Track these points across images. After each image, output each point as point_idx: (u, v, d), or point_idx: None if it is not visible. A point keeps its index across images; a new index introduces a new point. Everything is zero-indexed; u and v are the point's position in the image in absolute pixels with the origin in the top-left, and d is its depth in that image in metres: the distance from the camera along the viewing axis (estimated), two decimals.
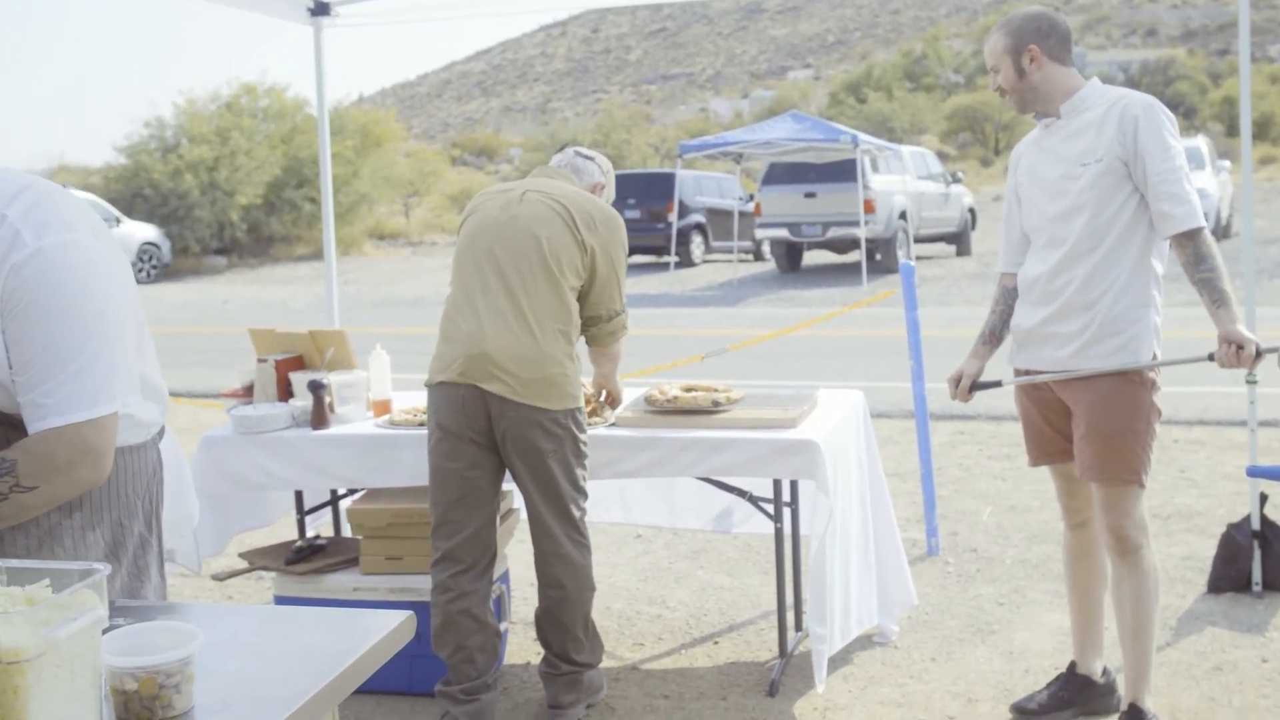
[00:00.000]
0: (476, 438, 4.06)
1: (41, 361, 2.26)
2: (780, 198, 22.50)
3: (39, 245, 2.25)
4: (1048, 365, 3.99)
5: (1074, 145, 3.90)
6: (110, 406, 2.33)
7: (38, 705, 1.63)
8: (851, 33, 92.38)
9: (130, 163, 33.22)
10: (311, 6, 6.82)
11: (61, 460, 2.29)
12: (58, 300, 2.27)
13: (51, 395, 2.27)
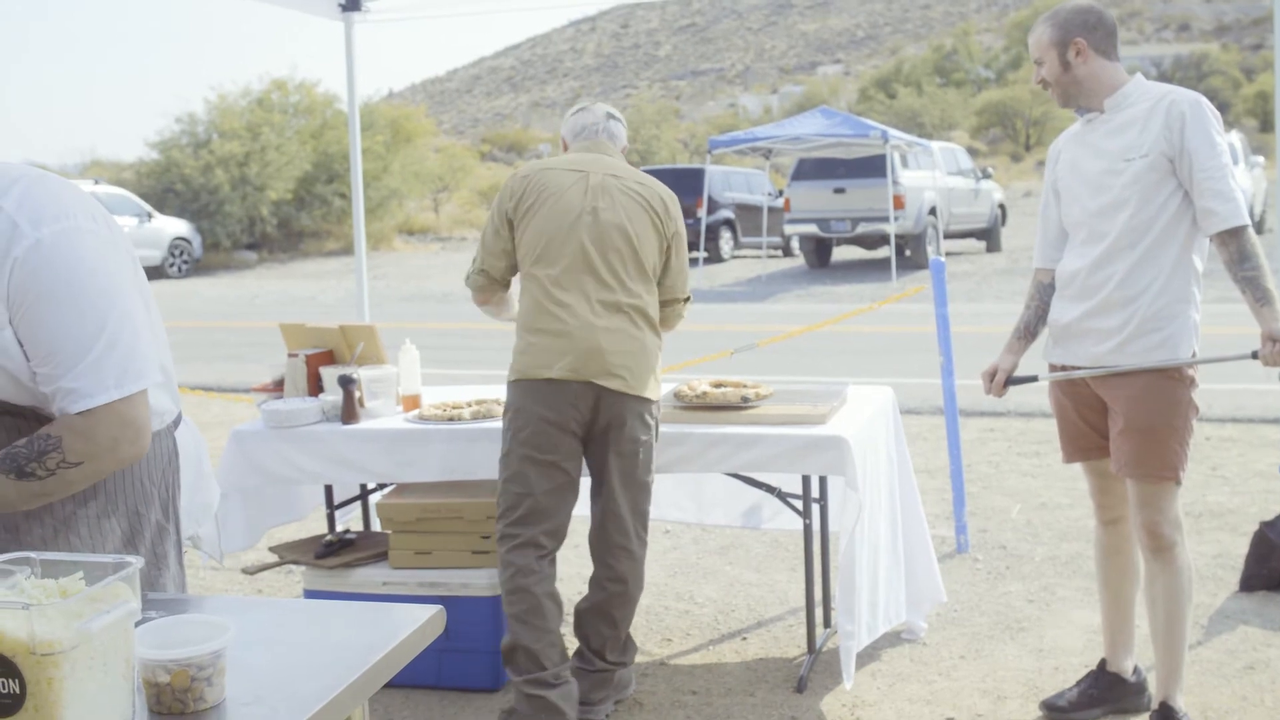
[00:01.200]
0: (578, 430, 4.14)
1: (64, 351, 2.28)
2: (809, 193, 22.45)
3: (38, 236, 2.26)
4: (1086, 361, 3.96)
5: (1118, 140, 3.86)
6: (140, 383, 2.36)
7: (72, 696, 1.64)
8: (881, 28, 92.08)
9: (162, 158, 33.39)
10: (343, 2, 6.84)
11: (103, 438, 2.33)
12: (66, 289, 2.28)
13: (81, 380, 2.29)
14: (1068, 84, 3.92)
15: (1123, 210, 3.83)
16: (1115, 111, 3.90)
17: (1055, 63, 3.91)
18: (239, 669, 1.91)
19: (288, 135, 33.44)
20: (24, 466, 2.27)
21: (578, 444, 4.17)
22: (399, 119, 36.46)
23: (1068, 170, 4.01)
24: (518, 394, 4.15)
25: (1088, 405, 4.06)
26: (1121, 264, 3.85)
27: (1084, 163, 3.95)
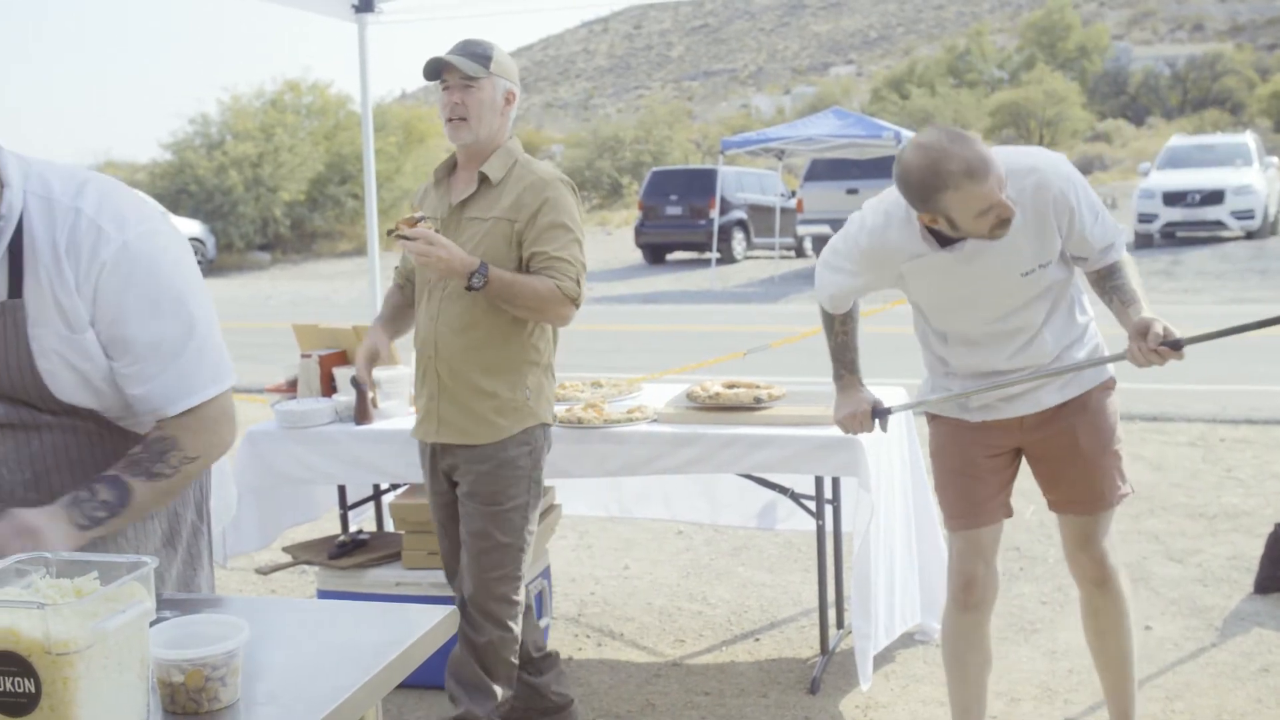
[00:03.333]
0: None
1: (159, 351, 2.33)
2: (822, 194, 22.46)
3: (124, 238, 2.29)
4: (1029, 408, 3.58)
5: (1002, 258, 3.35)
6: (230, 378, 2.46)
7: (86, 696, 1.64)
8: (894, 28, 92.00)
9: (176, 159, 33.50)
10: (356, 3, 6.86)
11: (211, 431, 2.42)
12: (156, 290, 2.32)
13: (180, 379, 2.36)
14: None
15: (1037, 308, 3.47)
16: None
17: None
18: (253, 668, 1.91)
19: (301, 136, 33.53)
20: (152, 469, 2.32)
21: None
22: (412, 120, 36.53)
23: (939, 300, 3.54)
24: (546, 440, 3.99)
25: (996, 454, 3.68)
26: (1046, 342, 3.50)
27: (963, 289, 3.45)
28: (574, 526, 6.76)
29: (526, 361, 3.82)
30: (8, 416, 2.34)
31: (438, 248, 3.59)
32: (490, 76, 3.75)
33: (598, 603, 5.61)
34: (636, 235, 26.50)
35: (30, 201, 2.29)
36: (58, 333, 2.30)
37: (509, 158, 3.82)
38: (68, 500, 2.23)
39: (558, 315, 3.75)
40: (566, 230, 3.74)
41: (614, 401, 4.81)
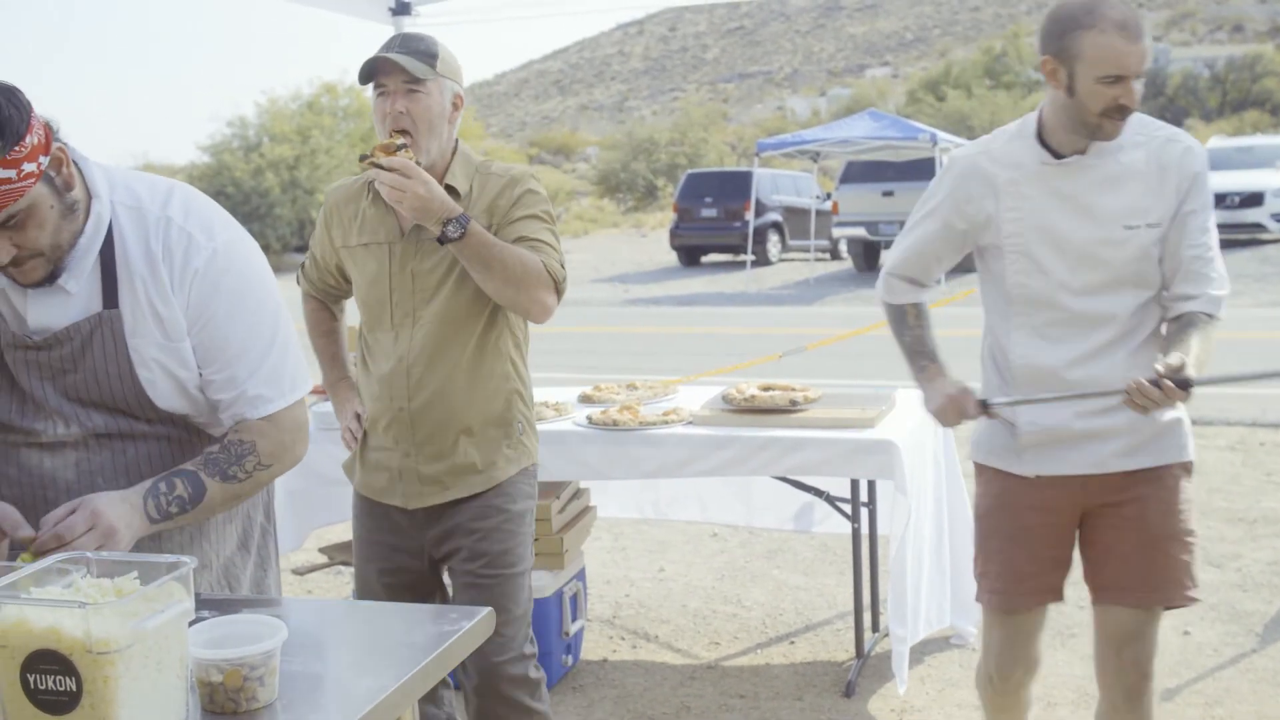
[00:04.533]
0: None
1: (246, 357, 2.38)
2: (858, 196, 22.38)
3: (214, 246, 2.35)
4: (1089, 468, 3.06)
5: (1113, 198, 2.96)
6: (308, 384, 2.51)
7: (127, 695, 1.66)
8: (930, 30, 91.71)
9: (213, 161, 33.75)
10: (393, 6, 6.88)
11: (287, 440, 2.45)
12: (243, 297, 2.38)
13: (263, 385, 2.40)
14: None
15: (1124, 293, 3.00)
16: (1103, 155, 2.97)
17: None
18: (291, 668, 1.92)
19: (337, 138, 33.72)
20: (227, 470, 2.35)
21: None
22: None
23: (1032, 228, 3.02)
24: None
25: (1051, 521, 3.14)
26: (1121, 355, 3.01)
27: (1060, 222, 2.99)
28: (609, 528, 6.76)
29: (511, 390, 3.32)
30: (106, 427, 2.37)
31: (416, 181, 2.99)
32: (438, 79, 3.18)
33: (632, 605, 5.61)
34: (671, 237, 26.51)
35: (119, 211, 2.34)
36: (156, 341, 2.34)
37: (468, 165, 3.28)
38: (147, 489, 2.26)
39: (538, 300, 3.14)
40: (541, 220, 3.23)
41: (649, 404, 4.82)
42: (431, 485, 3.27)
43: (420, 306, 3.21)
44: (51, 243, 2.23)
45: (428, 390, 3.22)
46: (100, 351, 2.32)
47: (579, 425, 4.49)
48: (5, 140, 2.07)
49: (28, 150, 2.11)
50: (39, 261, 2.23)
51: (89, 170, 2.32)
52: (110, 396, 2.35)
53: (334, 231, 3.40)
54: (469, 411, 3.25)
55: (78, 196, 2.27)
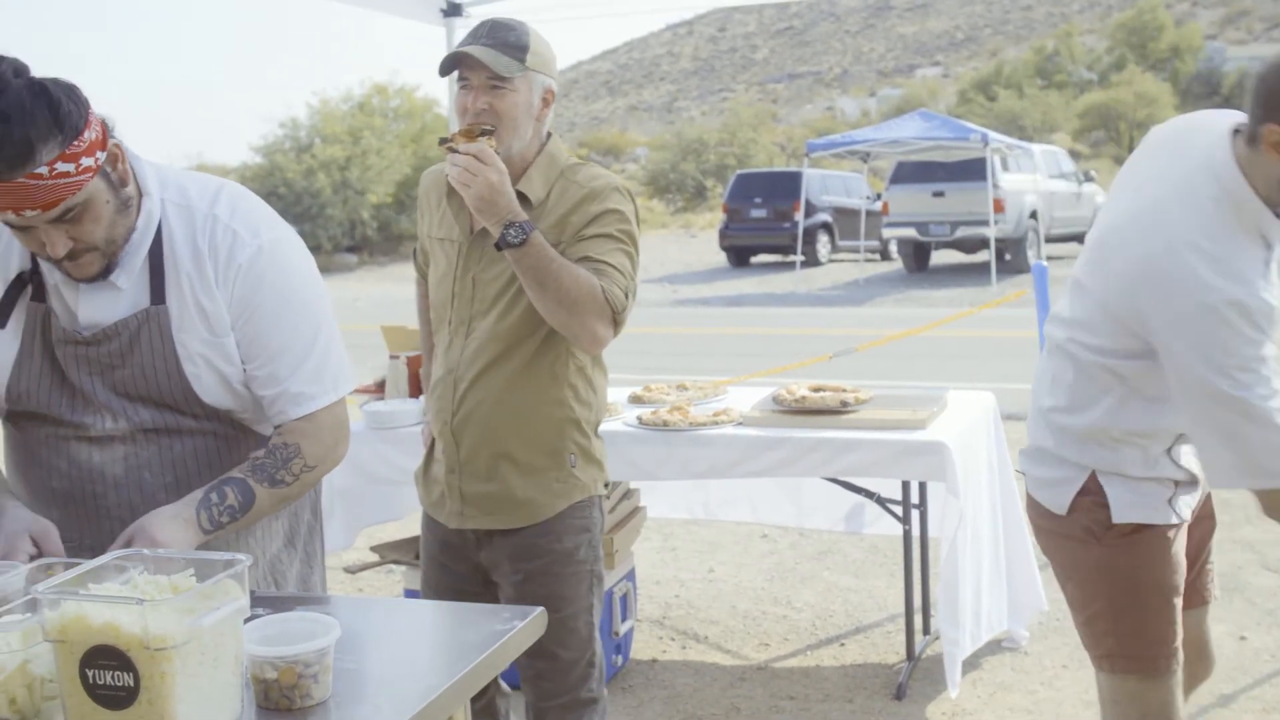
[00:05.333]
0: None
1: (288, 354, 2.40)
2: (908, 197, 22.31)
3: (259, 243, 2.38)
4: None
5: None
6: (350, 384, 2.51)
7: (183, 690, 1.67)
8: (981, 29, 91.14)
9: (265, 162, 34.01)
10: (444, 8, 6.91)
11: (329, 439, 2.47)
12: (287, 294, 2.40)
13: (306, 383, 2.41)
14: None
15: None
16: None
17: None
18: (344, 667, 1.93)
19: (388, 139, 33.89)
20: (274, 475, 2.37)
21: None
22: None
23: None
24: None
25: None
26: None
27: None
28: (659, 529, 6.76)
29: (564, 418, 3.06)
30: (153, 422, 2.40)
31: (490, 169, 2.76)
32: (526, 73, 2.93)
33: (682, 605, 5.61)
34: (721, 238, 26.50)
35: (169, 209, 2.38)
36: (201, 337, 2.37)
37: (551, 169, 3.02)
38: (199, 500, 2.28)
39: (590, 328, 2.88)
40: (617, 240, 2.96)
41: (699, 404, 4.81)
42: (473, 508, 3.08)
43: (476, 317, 3.02)
44: (106, 237, 2.26)
45: (470, 407, 3.03)
46: (148, 347, 2.35)
47: (629, 426, 4.49)
48: (64, 135, 2.11)
49: (86, 145, 2.14)
50: (94, 256, 2.27)
51: (141, 168, 2.36)
52: (157, 391, 2.38)
53: (425, 217, 3.23)
54: (511, 437, 3.01)
55: (132, 193, 2.31)
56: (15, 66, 2.15)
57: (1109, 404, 2.68)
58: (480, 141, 2.81)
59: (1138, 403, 2.67)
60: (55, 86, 2.14)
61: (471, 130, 2.84)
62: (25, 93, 2.10)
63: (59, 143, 2.10)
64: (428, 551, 3.26)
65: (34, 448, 2.44)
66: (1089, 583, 2.86)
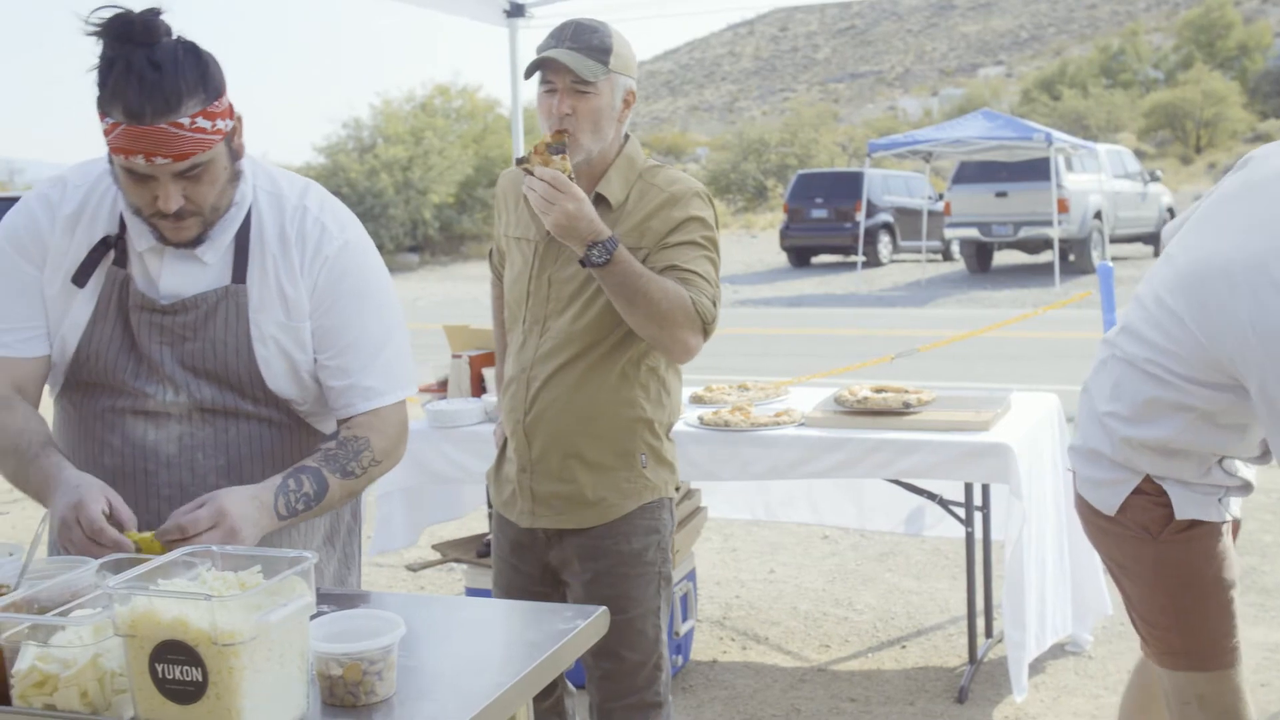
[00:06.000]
0: None
1: (362, 347, 2.46)
2: (970, 197, 22.17)
3: (345, 239, 2.46)
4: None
5: None
6: (414, 386, 2.56)
7: (250, 686, 1.69)
8: (1046, 28, 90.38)
9: (329, 162, 34.27)
10: (507, 9, 6.94)
11: (394, 436, 2.50)
12: (368, 290, 2.48)
13: (377, 378, 2.47)
14: None
15: None
16: None
17: None
18: (408, 664, 1.95)
19: (450, 139, 34.04)
20: (346, 466, 2.40)
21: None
22: None
23: None
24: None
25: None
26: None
27: None
28: (719, 529, 6.76)
29: (636, 419, 3.04)
30: (212, 401, 2.43)
31: (568, 198, 2.77)
32: (609, 76, 2.94)
33: (743, 606, 5.60)
34: (781, 238, 26.44)
35: (260, 195, 2.45)
36: (277, 320, 2.42)
37: (630, 171, 3.03)
38: (278, 486, 2.30)
39: (681, 339, 2.90)
40: (701, 247, 2.97)
41: (761, 405, 4.80)
42: (544, 507, 3.06)
43: (551, 317, 3.02)
44: (214, 204, 2.33)
45: (542, 406, 3.01)
46: (222, 322, 2.40)
47: (690, 426, 4.49)
48: (208, 93, 2.23)
49: (223, 108, 2.26)
50: (196, 221, 2.32)
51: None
52: (224, 368, 2.41)
53: (502, 216, 3.25)
54: (582, 437, 3.00)
55: (241, 168, 2.39)
56: (168, 26, 2.25)
57: (1180, 424, 2.64)
58: (555, 162, 2.81)
59: (1210, 428, 2.63)
60: (201, 49, 2.26)
61: (544, 149, 2.84)
62: (178, 47, 2.22)
63: (201, 99, 2.21)
64: (498, 551, 3.25)
65: (88, 422, 2.47)
66: (1148, 581, 2.83)
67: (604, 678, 3.10)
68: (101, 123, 2.23)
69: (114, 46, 2.20)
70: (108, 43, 2.20)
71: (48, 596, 1.90)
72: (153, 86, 2.16)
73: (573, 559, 3.07)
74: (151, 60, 2.18)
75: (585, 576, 3.05)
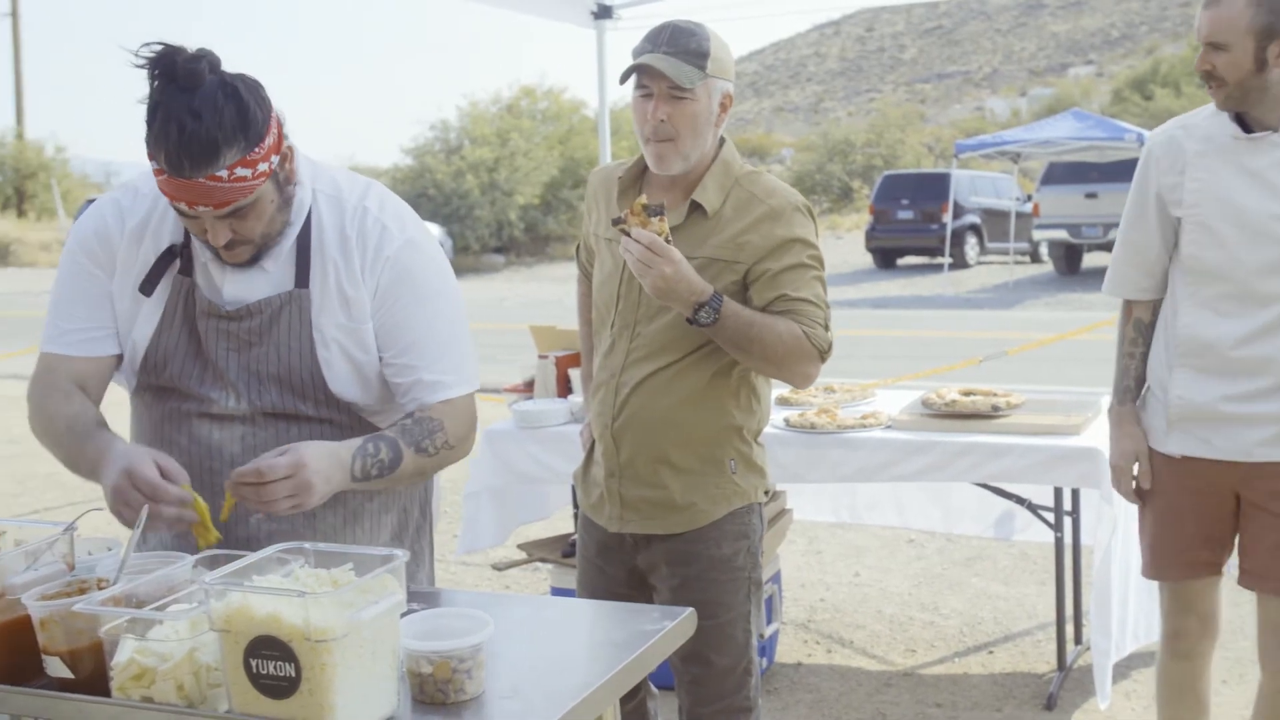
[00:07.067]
0: None
1: (428, 344, 2.47)
2: (1060, 198, 21.91)
3: (406, 237, 2.47)
4: (1234, 454, 3.11)
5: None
6: (478, 382, 2.57)
7: (342, 682, 1.71)
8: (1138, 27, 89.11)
9: (416, 164, 34.53)
10: (595, 10, 6.96)
11: (466, 425, 2.52)
12: (431, 288, 2.49)
13: (446, 373, 2.48)
14: (1252, 88, 2.97)
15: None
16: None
17: (1247, 55, 2.93)
18: (496, 662, 1.96)
19: (535, 141, 34.16)
20: (420, 442, 2.42)
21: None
22: None
23: (1213, 200, 3.06)
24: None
25: (1218, 506, 3.21)
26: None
27: (1240, 196, 3.02)
28: (804, 532, 6.73)
29: (727, 425, 3.01)
30: (275, 405, 2.47)
31: (665, 261, 2.72)
32: (706, 80, 2.87)
33: (827, 609, 5.58)
34: (867, 239, 26.28)
35: (319, 199, 2.47)
36: (339, 323, 2.44)
37: (726, 176, 2.96)
38: (356, 448, 2.33)
39: (800, 372, 2.91)
40: (808, 268, 2.91)
41: (847, 407, 4.78)
42: (632, 511, 3.03)
43: (641, 322, 2.96)
44: (265, 232, 2.36)
45: (631, 411, 2.98)
46: (286, 327, 2.43)
47: (776, 428, 4.48)
48: (249, 140, 2.22)
49: (265, 150, 2.24)
50: (249, 247, 2.36)
51: (297, 159, 2.43)
52: (287, 372, 2.44)
53: (592, 215, 3.19)
54: (672, 443, 2.96)
55: (294, 190, 2.40)
56: (211, 61, 2.23)
57: None
58: (652, 224, 2.75)
59: None
60: (245, 88, 2.23)
61: (640, 211, 2.77)
62: (219, 92, 2.20)
63: (241, 148, 2.20)
64: (584, 554, 3.22)
65: (158, 422, 2.53)
66: None
67: (694, 682, 3.07)
68: (150, 162, 2.25)
69: (159, 88, 2.20)
70: (152, 82, 2.20)
71: (146, 591, 1.94)
72: (191, 138, 2.16)
73: (661, 564, 3.04)
74: (191, 109, 2.17)
75: (674, 582, 3.02)
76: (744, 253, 2.89)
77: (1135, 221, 3.24)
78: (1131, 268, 3.28)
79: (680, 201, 2.95)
